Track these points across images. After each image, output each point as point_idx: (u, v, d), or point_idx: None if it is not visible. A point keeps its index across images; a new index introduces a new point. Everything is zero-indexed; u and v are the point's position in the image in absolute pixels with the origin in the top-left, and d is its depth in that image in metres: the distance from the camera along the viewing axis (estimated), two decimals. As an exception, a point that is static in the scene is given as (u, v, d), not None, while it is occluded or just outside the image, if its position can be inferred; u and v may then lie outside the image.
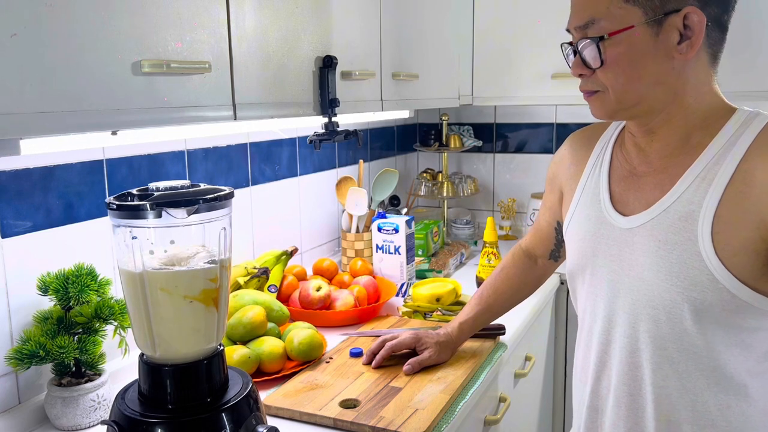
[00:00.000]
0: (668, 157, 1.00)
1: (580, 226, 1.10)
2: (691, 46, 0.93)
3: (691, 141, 0.97)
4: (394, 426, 1.09)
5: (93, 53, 0.83)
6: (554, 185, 1.24)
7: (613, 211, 1.04)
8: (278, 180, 1.87)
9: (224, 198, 0.91)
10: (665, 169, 0.99)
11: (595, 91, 0.99)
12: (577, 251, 1.10)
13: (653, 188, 1.00)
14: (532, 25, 2.09)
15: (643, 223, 0.99)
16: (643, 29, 0.92)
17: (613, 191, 1.06)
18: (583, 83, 1.00)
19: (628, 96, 0.96)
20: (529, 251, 1.38)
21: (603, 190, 1.07)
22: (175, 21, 0.95)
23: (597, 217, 1.07)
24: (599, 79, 0.97)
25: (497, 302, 1.38)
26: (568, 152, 1.21)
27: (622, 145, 1.10)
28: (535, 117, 2.54)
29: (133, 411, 0.91)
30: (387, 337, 1.36)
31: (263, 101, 1.15)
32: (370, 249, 1.95)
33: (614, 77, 0.95)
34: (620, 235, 1.02)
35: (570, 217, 1.13)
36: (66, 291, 1.13)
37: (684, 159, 0.97)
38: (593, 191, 1.09)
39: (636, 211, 1.01)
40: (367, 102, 1.52)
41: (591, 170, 1.12)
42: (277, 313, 1.45)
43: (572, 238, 1.12)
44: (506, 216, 2.53)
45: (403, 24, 1.68)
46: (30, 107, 0.77)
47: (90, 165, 1.28)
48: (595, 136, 1.16)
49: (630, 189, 1.04)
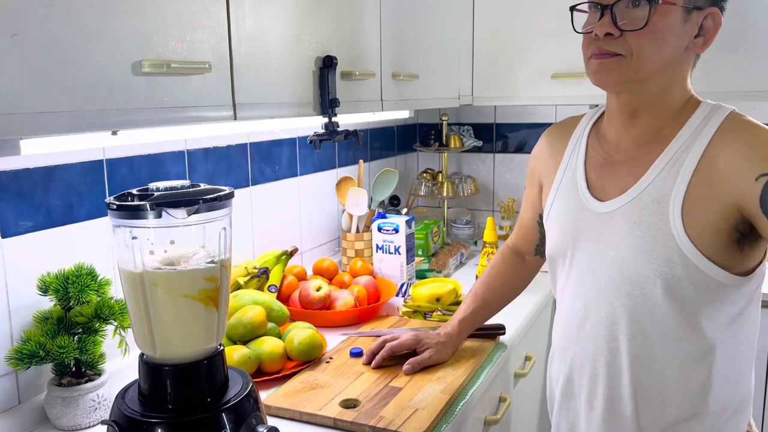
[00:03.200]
0: (642, 145, 1.07)
1: (560, 213, 1.16)
2: (704, 44, 1.03)
3: (663, 131, 1.06)
4: (394, 426, 1.09)
5: (93, 53, 0.83)
6: (534, 179, 1.30)
7: (591, 197, 1.11)
8: (278, 180, 1.87)
9: (224, 198, 0.91)
10: (639, 157, 1.07)
11: (616, 54, 1.01)
12: (558, 236, 1.16)
13: (627, 175, 1.07)
14: (532, 25, 2.09)
15: (620, 206, 1.06)
16: (680, 11, 0.99)
17: (590, 178, 1.13)
18: (606, 44, 1.01)
19: (647, 67, 1.01)
20: (515, 249, 1.42)
21: (580, 177, 1.14)
22: (175, 21, 0.95)
23: (576, 203, 1.13)
24: (627, 43, 1.00)
25: (492, 298, 1.41)
26: (545, 146, 1.28)
27: (597, 134, 1.17)
28: (535, 117, 2.54)
29: (133, 411, 0.91)
30: (387, 338, 1.36)
31: (263, 101, 1.15)
32: (370, 249, 1.95)
33: (645, 44, 0.99)
34: (598, 219, 1.09)
35: (550, 206, 1.19)
36: (66, 291, 1.13)
37: (655, 147, 1.05)
38: (571, 180, 1.16)
39: (612, 196, 1.08)
40: (367, 102, 1.52)
41: (568, 161, 1.18)
42: (277, 313, 1.45)
43: (553, 224, 1.18)
44: (506, 216, 2.52)
45: (403, 24, 1.68)
46: (30, 107, 0.77)
47: (90, 165, 1.28)
48: (570, 129, 1.23)
49: (606, 176, 1.11)
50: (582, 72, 2.00)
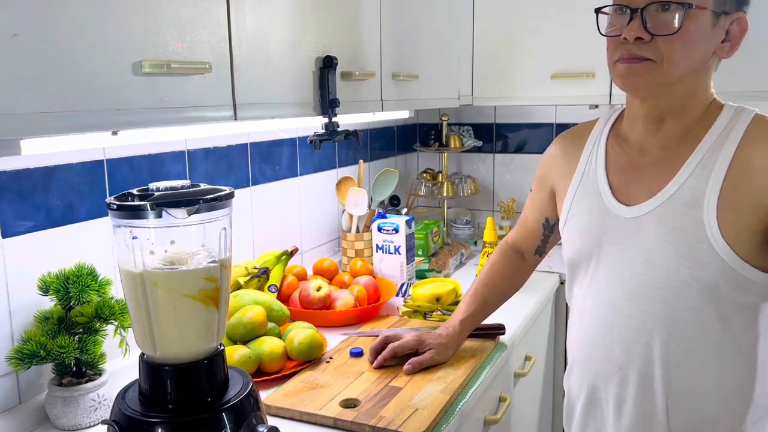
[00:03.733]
0: (668, 148, 1.06)
1: (583, 219, 1.14)
2: (731, 49, 1.03)
3: (690, 134, 1.05)
4: (394, 426, 1.09)
5: (93, 53, 0.83)
6: (544, 184, 1.30)
7: (616, 202, 1.10)
8: (278, 180, 1.87)
9: (224, 198, 0.91)
10: (665, 159, 1.06)
11: (646, 59, 1.00)
12: (580, 242, 1.15)
13: (655, 178, 1.06)
14: (532, 25, 2.09)
15: (649, 211, 1.05)
16: (709, 15, 0.99)
17: (613, 183, 1.12)
18: (636, 48, 1.00)
19: (677, 72, 1.00)
20: (515, 247, 1.42)
21: (602, 182, 1.13)
22: (176, 21, 0.95)
23: (599, 208, 1.12)
24: (658, 48, 0.99)
25: (492, 297, 1.41)
26: (558, 152, 1.26)
27: (616, 137, 1.15)
28: (535, 117, 2.54)
29: (134, 411, 0.91)
30: (390, 337, 1.35)
31: (263, 101, 1.16)
32: (370, 249, 1.95)
33: (677, 49, 0.98)
34: (625, 224, 1.08)
35: (567, 212, 1.18)
36: (66, 291, 1.13)
37: (683, 150, 1.04)
38: (592, 185, 1.14)
39: (639, 201, 1.07)
40: (367, 102, 1.52)
41: (585, 166, 1.17)
42: (278, 312, 1.45)
43: (573, 230, 1.17)
44: (506, 216, 2.52)
45: (403, 24, 1.68)
46: (30, 107, 0.77)
47: (90, 165, 1.28)
48: (584, 134, 1.21)
49: (631, 181, 1.10)
50: (581, 72, 2.03)
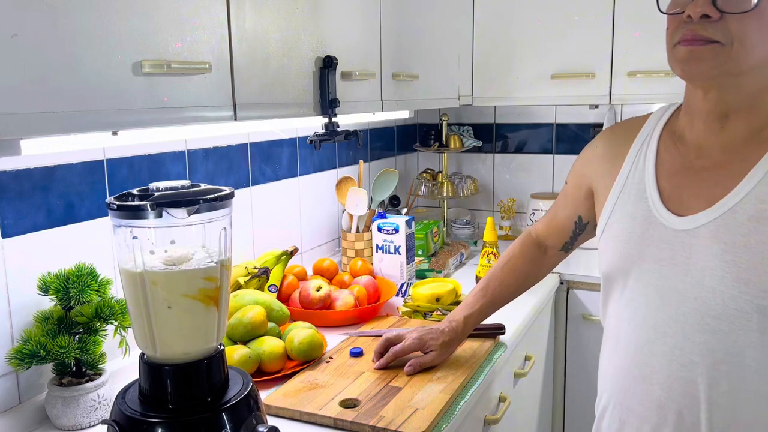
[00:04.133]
0: (732, 151, 0.91)
1: (624, 227, 1.00)
2: None
3: (761, 135, 0.90)
4: (394, 426, 1.09)
5: (93, 54, 0.83)
6: (582, 181, 1.15)
7: (665, 210, 0.95)
8: (278, 180, 1.87)
9: (224, 198, 0.91)
10: (728, 164, 0.91)
11: (712, 41, 0.85)
12: (619, 253, 1.00)
13: (714, 185, 0.91)
14: (532, 25, 2.10)
15: (705, 223, 0.90)
16: None
17: (662, 188, 0.97)
18: (701, 27, 0.85)
19: (748, 59, 0.85)
20: (539, 241, 1.32)
21: (650, 186, 0.98)
22: (176, 21, 0.95)
23: (644, 216, 0.97)
24: (728, 28, 0.84)
25: (502, 294, 1.33)
26: (602, 148, 1.11)
27: (671, 135, 1.00)
28: (534, 117, 2.54)
29: (134, 411, 0.92)
30: (391, 339, 1.32)
31: (263, 101, 1.16)
32: (370, 249, 1.95)
33: (749, 30, 0.83)
34: (674, 237, 0.93)
35: (608, 217, 1.04)
36: (66, 291, 1.13)
37: (751, 153, 0.89)
38: (637, 188, 1.00)
39: (694, 210, 0.92)
40: (367, 102, 1.52)
41: (633, 165, 1.02)
42: (278, 312, 1.45)
43: (612, 238, 1.03)
44: (506, 216, 2.53)
45: (403, 24, 1.68)
46: (30, 107, 0.77)
47: (90, 165, 1.28)
48: (633, 130, 1.06)
49: (685, 185, 0.95)
50: (581, 72, 2.03)
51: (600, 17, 2.01)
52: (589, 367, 2.05)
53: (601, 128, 2.42)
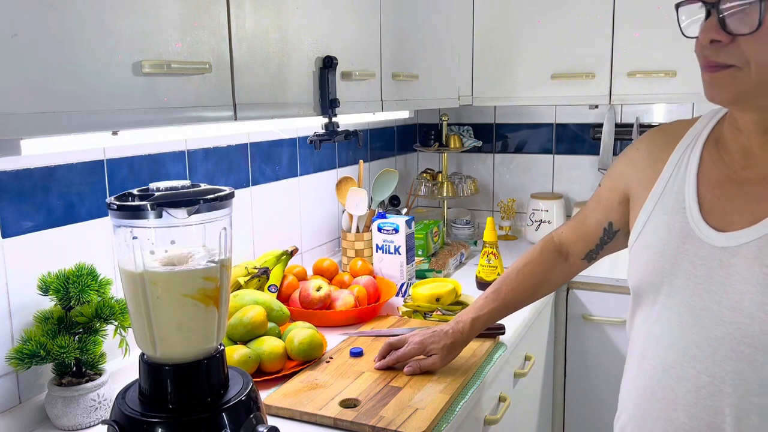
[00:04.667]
0: None
1: (658, 238, 0.94)
2: None
3: None
4: (394, 426, 1.09)
5: (93, 54, 0.83)
6: (618, 185, 1.08)
7: (704, 224, 0.89)
8: (278, 180, 1.87)
9: (225, 198, 0.91)
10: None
11: (727, 65, 0.81)
12: (651, 266, 0.94)
13: (762, 200, 0.85)
14: (532, 25, 2.10)
15: (748, 242, 0.84)
16: None
17: (703, 199, 0.90)
18: (713, 53, 0.81)
19: None
20: (562, 246, 1.25)
21: (690, 196, 0.92)
22: (176, 21, 0.95)
23: (681, 228, 0.91)
24: (741, 50, 0.79)
25: (515, 299, 1.27)
26: (643, 151, 1.04)
27: (717, 143, 0.94)
28: (534, 117, 2.54)
29: (134, 411, 0.92)
30: (393, 343, 1.31)
31: (263, 101, 1.16)
32: (370, 249, 1.95)
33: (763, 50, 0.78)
34: (712, 254, 0.87)
35: (642, 226, 0.98)
36: (67, 291, 1.13)
37: None
38: (676, 197, 0.94)
39: (736, 227, 0.86)
40: (367, 102, 1.52)
41: (673, 172, 0.96)
42: (278, 312, 1.45)
43: (645, 249, 0.97)
44: (506, 216, 2.53)
45: (403, 24, 1.68)
46: (30, 107, 0.77)
47: (91, 165, 1.29)
48: (678, 134, 0.99)
49: (728, 198, 0.88)
50: (581, 72, 2.04)
51: (600, 17, 2.01)
52: (589, 367, 2.05)
53: (601, 128, 2.42)
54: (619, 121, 2.41)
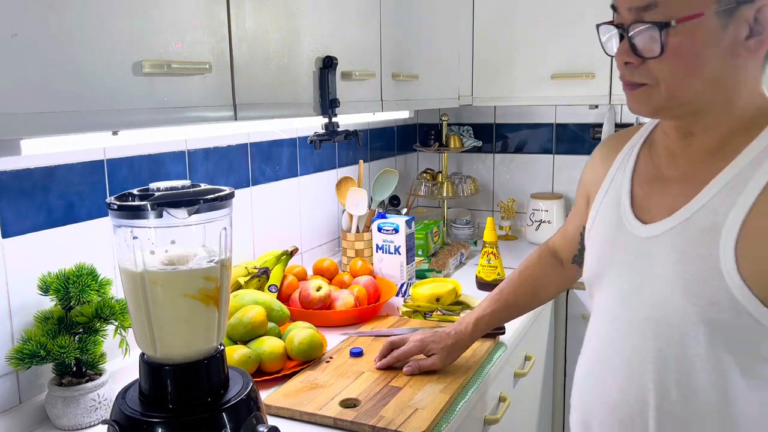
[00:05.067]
0: (699, 162, 0.92)
1: (599, 233, 1.03)
2: (762, 44, 0.85)
3: (728, 146, 0.89)
4: (394, 426, 1.09)
5: (93, 54, 0.83)
6: (582, 190, 1.18)
7: (632, 217, 0.97)
8: (278, 180, 1.87)
9: (225, 198, 0.92)
10: (694, 174, 0.91)
11: (641, 84, 0.88)
12: (596, 258, 1.03)
13: (677, 195, 0.92)
14: (532, 25, 2.10)
15: (664, 231, 0.91)
16: (712, 19, 0.82)
17: (635, 195, 0.99)
18: (629, 73, 0.89)
19: (681, 92, 0.87)
20: (555, 252, 1.32)
21: (624, 193, 1.00)
22: (176, 21, 0.95)
23: (616, 222, 1.00)
24: (651, 71, 0.86)
25: (517, 301, 1.31)
26: (598, 156, 1.14)
27: (651, 146, 1.02)
28: (534, 117, 2.54)
29: (134, 411, 0.92)
30: (395, 342, 1.32)
31: (264, 102, 1.16)
32: (370, 249, 1.95)
33: (671, 70, 0.85)
34: (637, 244, 0.95)
35: (592, 222, 1.07)
36: (67, 291, 1.13)
37: (714, 165, 0.89)
38: (615, 194, 1.02)
39: (657, 219, 0.93)
40: (367, 102, 1.52)
41: (615, 173, 1.05)
42: (278, 312, 1.45)
43: (592, 243, 1.06)
44: (506, 216, 2.53)
45: (403, 24, 1.68)
46: (30, 107, 0.77)
47: (91, 165, 1.29)
48: (624, 140, 1.08)
49: (654, 194, 0.96)
50: (581, 72, 2.04)
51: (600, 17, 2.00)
52: (589, 367, 2.05)
53: (601, 128, 2.42)
54: (619, 121, 2.41)
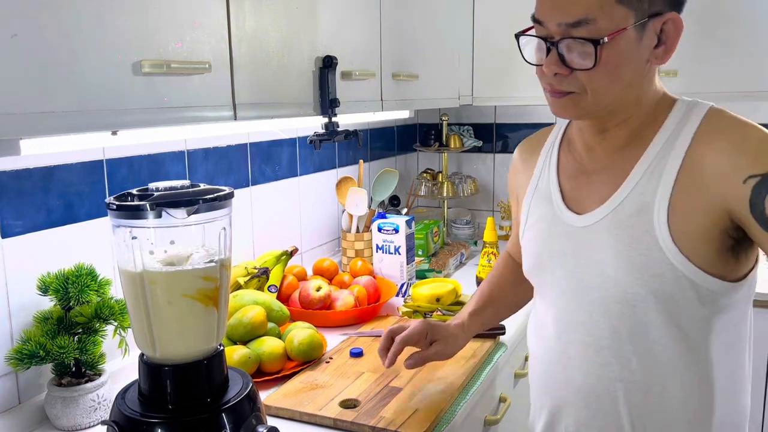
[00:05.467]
0: (616, 152, 1.01)
1: (534, 228, 1.10)
2: (667, 52, 0.94)
3: (639, 136, 0.99)
4: (394, 426, 1.09)
5: (93, 53, 0.83)
6: (513, 196, 1.24)
7: (566, 210, 1.04)
8: (278, 180, 1.87)
9: (224, 198, 0.91)
10: (614, 165, 1.00)
11: (568, 92, 0.95)
12: (535, 253, 1.09)
13: (605, 185, 1.00)
14: (532, 25, 2.09)
15: (599, 219, 0.99)
16: (631, 32, 0.90)
17: (564, 190, 1.06)
18: (557, 83, 0.95)
19: (605, 99, 0.95)
20: (512, 257, 1.35)
21: (554, 189, 1.07)
22: (175, 21, 0.95)
23: (551, 217, 1.06)
24: (579, 80, 0.93)
25: (499, 297, 1.31)
26: (518, 160, 1.21)
27: (569, 144, 1.10)
28: (535, 117, 2.54)
29: (133, 411, 0.91)
30: (394, 330, 1.21)
31: (263, 101, 1.15)
32: (370, 249, 1.95)
33: (599, 80, 0.92)
34: (575, 233, 1.02)
35: (525, 221, 1.13)
36: (66, 291, 1.13)
37: (632, 153, 0.99)
38: (545, 192, 1.09)
39: (590, 209, 1.01)
40: (367, 102, 1.52)
41: (540, 173, 1.12)
42: (277, 313, 1.45)
43: (528, 240, 1.11)
44: (506, 216, 2.52)
45: (403, 24, 1.68)
46: (30, 107, 0.77)
47: (90, 165, 1.28)
48: (541, 140, 1.16)
49: (581, 187, 1.04)
50: (582, 72, 2.02)
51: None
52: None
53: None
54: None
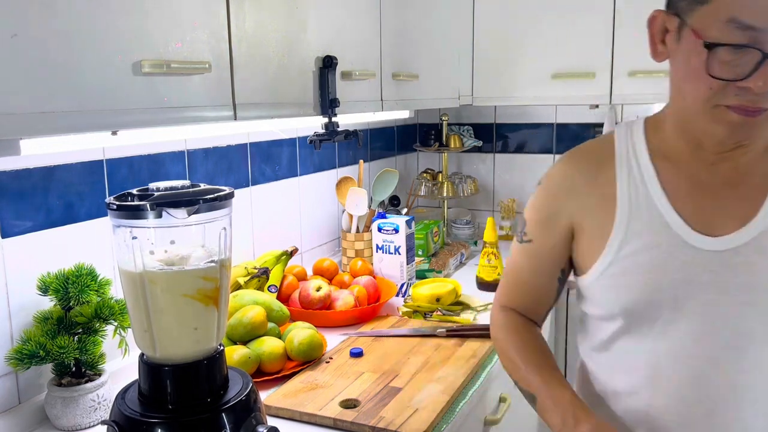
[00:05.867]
0: (752, 165, 0.91)
1: (647, 257, 0.92)
2: None
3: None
4: (394, 426, 1.09)
5: (93, 53, 0.83)
6: (556, 224, 1.01)
7: (695, 233, 0.90)
8: (278, 180, 1.87)
9: (224, 198, 0.91)
10: (744, 178, 0.90)
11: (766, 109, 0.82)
12: (648, 286, 0.92)
13: (741, 201, 0.90)
14: (533, 25, 2.09)
15: (747, 241, 0.88)
16: None
17: (681, 210, 0.92)
18: (763, 99, 0.81)
19: None
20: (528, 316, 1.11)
21: (666, 210, 0.92)
22: (175, 21, 0.95)
23: (669, 243, 0.91)
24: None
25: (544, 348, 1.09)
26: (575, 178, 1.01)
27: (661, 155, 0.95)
28: (535, 117, 2.54)
29: (133, 411, 0.91)
30: None
31: (263, 101, 1.15)
32: (370, 249, 1.95)
33: None
34: (713, 259, 0.89)
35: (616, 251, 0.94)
36: (66, 291, 1.13)
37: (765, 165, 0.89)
38: (650, 214, 0.93)
39: (728, 230, 0.89)
40: (367, 102, 1.52)
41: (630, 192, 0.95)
42: (277, 313, 1.45)
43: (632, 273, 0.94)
44: (506, 216, 2.52)
45: (403, 24, 1.68)
46: (30, 107, 0.77)
47: (90, 165, 1.28)
48: (604, 156, 0.99)
49: (706, 205, 0.91)
50: (581, 72, 2.03)
51: (600, 17, 2.00)
52: (590, 368, 2.04)
53: (601, 128, 2.41)
54: (619, 121, 2.41)
